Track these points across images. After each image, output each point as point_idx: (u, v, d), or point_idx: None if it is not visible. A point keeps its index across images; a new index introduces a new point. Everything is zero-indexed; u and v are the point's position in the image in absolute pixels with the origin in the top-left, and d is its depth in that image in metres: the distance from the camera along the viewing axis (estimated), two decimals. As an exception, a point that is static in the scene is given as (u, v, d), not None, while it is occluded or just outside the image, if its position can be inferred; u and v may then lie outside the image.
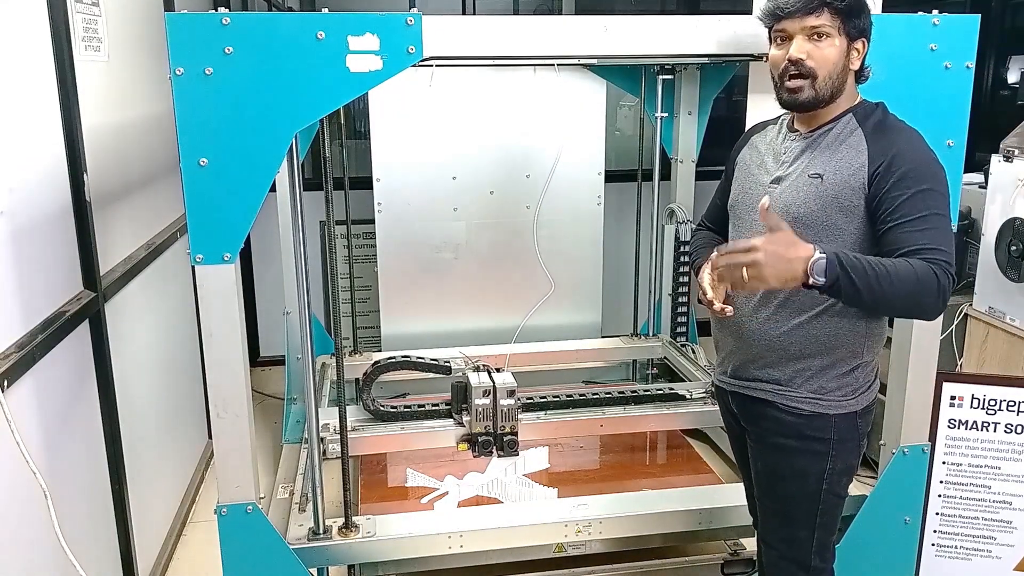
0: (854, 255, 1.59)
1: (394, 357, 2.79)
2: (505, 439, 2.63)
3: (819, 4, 1.69)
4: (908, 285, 1.58)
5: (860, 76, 1.80)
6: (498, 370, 2.73)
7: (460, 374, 2.73)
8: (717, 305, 1.74)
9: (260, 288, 4.31)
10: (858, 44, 1.74)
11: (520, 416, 2.73)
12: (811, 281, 1.54)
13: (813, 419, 1.81)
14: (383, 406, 2.79)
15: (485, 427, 2.62)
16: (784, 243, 1.55)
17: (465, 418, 2.66)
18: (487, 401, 2.61)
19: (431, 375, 2.77)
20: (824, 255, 1.54)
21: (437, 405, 2.79)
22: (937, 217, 1.65)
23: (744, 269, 1.54)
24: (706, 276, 1.75)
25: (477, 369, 2.72)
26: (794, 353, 1.81)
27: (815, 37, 1.70)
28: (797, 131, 1.83)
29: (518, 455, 2.69)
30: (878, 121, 1.76)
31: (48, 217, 2.07)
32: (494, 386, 2.61)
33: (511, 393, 2.61)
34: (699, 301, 1.82)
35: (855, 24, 1.72)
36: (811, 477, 1.84)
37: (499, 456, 2.67)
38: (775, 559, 1.95)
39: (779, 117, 1.92)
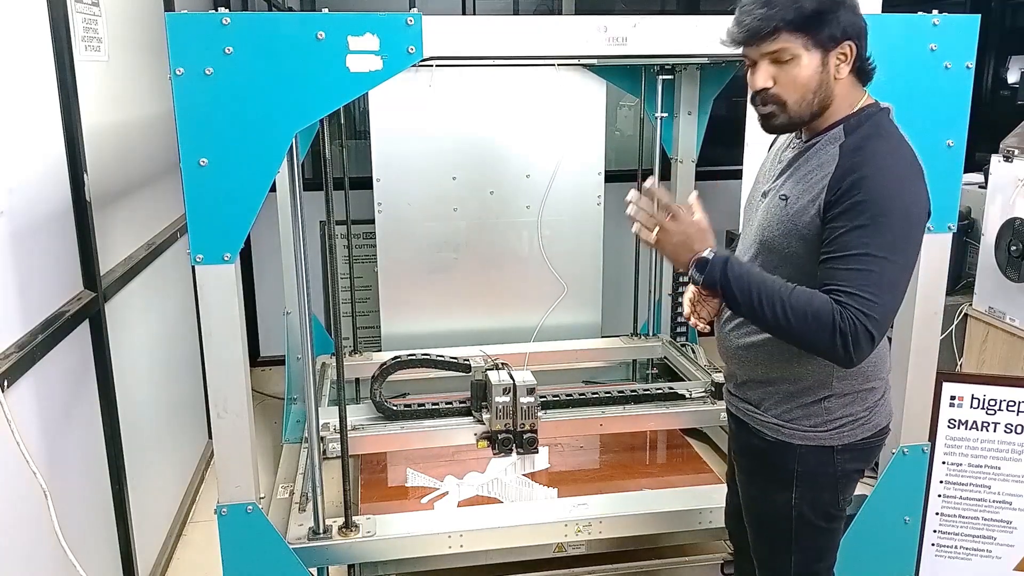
0: (758, 271, 1.53)
1: (414, 354, 2.81)
2: (525, 436, 2.66)
3: (772, 28, 1.49)
4: (798, 317, 1.46)
5: (863, 75, 1.61)
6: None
7: (480, 373, 2.76)
8: (693, 320, 1.78)
9: (260, 288, 4.32)
10: (843, 49, 1.53)
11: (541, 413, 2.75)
12: (689, 273, 1.53)
13: (776, 446, 1.71)
14: (395, 405, 2.80)
15: (505, 425, 2.65)
16: (694, 228, 1.52)
17: (485, 415, 2.68)
18: (507, 399, 2.63)
19: (432, 374, 2.78)
20: (712, 255, 1.50)
21: (450, 403, 2.81)
22: (870, 258, 1.45)
23: (656, 227, 1.54)
24: (688, 293, 1.80)
25: (495, 367, 2.74)
26: (761, 374, 1.72)
27: (779, 61, 1.53)
28: (800, 137, 1.71)
29: (538, 452, 2.72)
30: (864, 137, 1.56)
31: (48, 217, 2.07)
32: (514, 384, 2.63)
33: (531, 391, 2.64)
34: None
35: (827, 32, 1.50)
36: (778, 503, 1.74)
37: (519, 454, 2.71)
38: None
39: None
